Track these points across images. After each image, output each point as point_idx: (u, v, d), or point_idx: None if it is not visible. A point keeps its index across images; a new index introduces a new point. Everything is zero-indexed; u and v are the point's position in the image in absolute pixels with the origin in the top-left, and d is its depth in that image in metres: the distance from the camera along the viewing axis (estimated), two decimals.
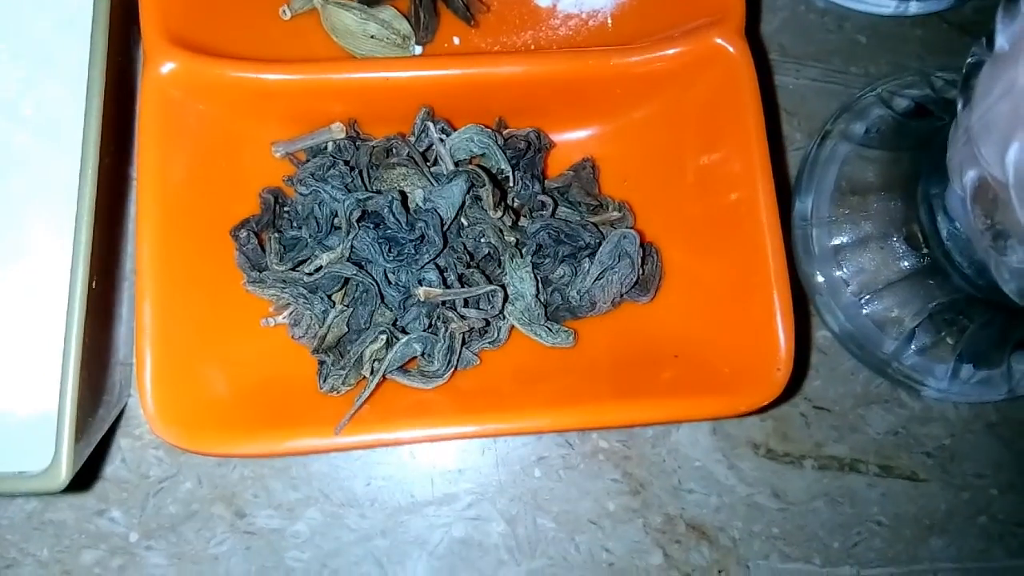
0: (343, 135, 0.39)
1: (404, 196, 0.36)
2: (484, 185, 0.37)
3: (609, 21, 0.43)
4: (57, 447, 0.30)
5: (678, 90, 0.39)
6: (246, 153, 0.39)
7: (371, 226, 0.36)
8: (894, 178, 0.41)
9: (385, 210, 0.35)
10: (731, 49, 0.37)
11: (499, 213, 0.37)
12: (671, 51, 0.38)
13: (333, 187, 0.36)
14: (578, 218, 0.40)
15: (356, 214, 0.35)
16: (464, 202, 0.37)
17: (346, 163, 0.37)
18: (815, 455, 0.42)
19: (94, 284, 0.32)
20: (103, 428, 0.37)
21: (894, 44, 0.46)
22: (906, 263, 0.40)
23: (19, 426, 0.35)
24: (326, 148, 0.39)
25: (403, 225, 0.35)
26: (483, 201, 0.37)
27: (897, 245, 0.40)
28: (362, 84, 0.38)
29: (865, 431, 0.43)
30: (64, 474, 0.30)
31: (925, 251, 0.39)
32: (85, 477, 0.40)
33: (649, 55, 0.38)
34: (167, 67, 0.35)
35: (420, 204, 0.37)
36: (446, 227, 0.36)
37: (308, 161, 0.38)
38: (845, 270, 0.42)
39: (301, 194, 0.36)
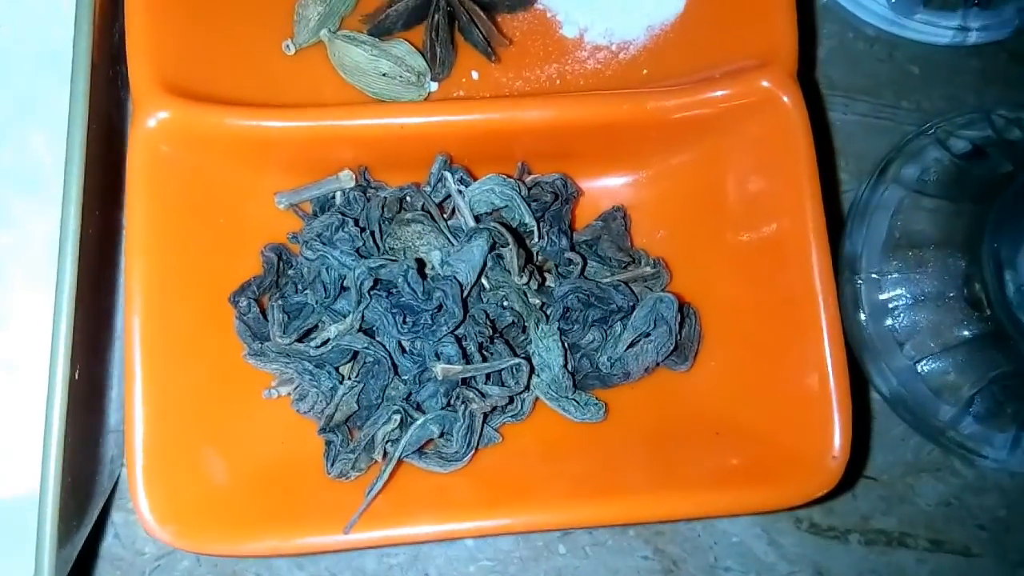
0: (352, 184, 0.36)
1: (421, 263, 0.33)
2: (507, 245, 0.34)
3: (642, 55, 0.39)
4: (38, 563, 0.27)
5: (720, 137, 0.36)
6: (247, 205, 0.36)
7: (383, 294, 0.32)
8: (954, 232, 0.37)
9: (400, 279, 0.31)
10: (784, 97, 0.33)
11: (524, 278, 0.33)
12: (714, 94, 0.35)
13: (342, 252, 0.32)
14: (609, 276, 0.36)
15: (368, 283, 0.32)
16: (485, 263, 0.34)
17: (355, 222, 0.34)
18: (861, 529, 0.39)
19: (77, 375, 0.28)
20: (95, 513, 0.34)
21: (949, 75, 0.43)
22: (967, 327, 0.37)
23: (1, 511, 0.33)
24: (334, 199, 0.36)
25: (419, 295, 0.32)
26: (506, 261, 0.34)
27: (957, 306, 0.37)
28: (374, 131, 0.34)
29: (915, 502, 0.40)
30: None
31: (989, 314, 0.36)
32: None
33: (690, 98, 0.35)
34: (159, 117, 0.32)
35: (438, 268, 0.33)
36: (466, 294, 0.33)
37: (314, 217, 0.35)
38: (898, 329, 0.38)
39: (307, 258, 0.33)
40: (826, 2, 0.42)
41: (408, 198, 0.36)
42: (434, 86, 0.39)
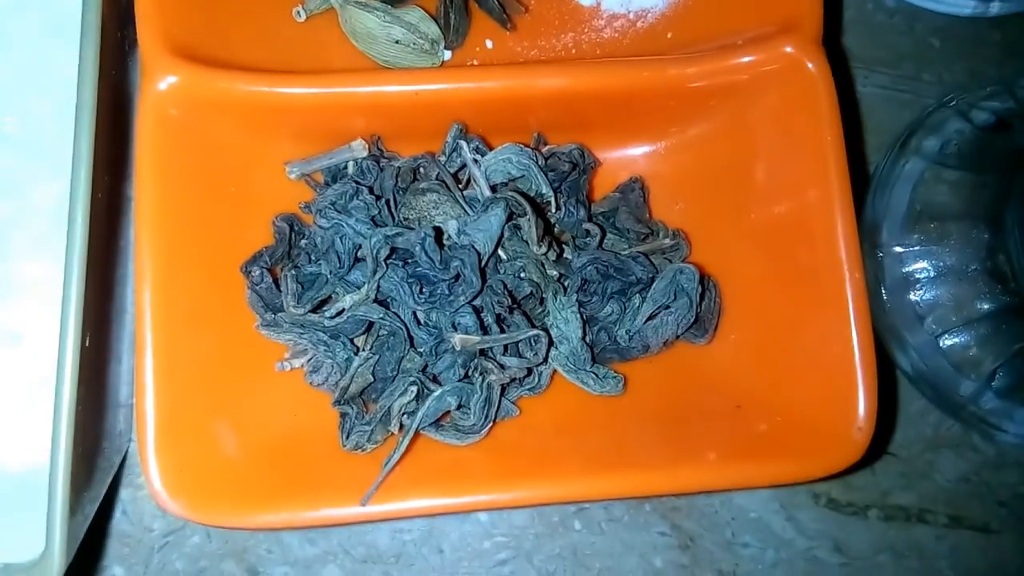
0: (365, 154, 0.35)
1: (438, 232, 0.32)
2: (525, 214, 0.33)
3: (661, 22, 0.38)
4: (49, 535, 0.26)
5: (742, 106, 0.35)
6: (257, 175, 0.35)
7: (399, 263, 0.32)
8: (977, 204, 0.37)
9: (417, 248, 0.31)
10: (808, 64, 0.33)
11: (543, 248, 0.32)
12: (737, 61, 0.34)
13: (358, 220, 0.31)
14: (627, 248, 0.36)
15: (384, 252, 0.31)
16: (503, 233, 0.33)
17: (370, 190, 0.33)
18: (880, 504, 0.39)
19: (87, 342, 0.28)
20: (102, 489, 0.33)
21: (971, 48, 0.42)
22: (990, 300, 0.36)
23: (7, 483, 0.32)
24: (346, 169, 0.35)
25: (437, 264, 0.31)
26: (523, 232, 0.33)
27: (980, 279, 0.36)
28: (387, 98, 0.33)
29: (934, 478, 0.39)
30: (58, 567, 0.26)
31: (1012, 287, 0.35)
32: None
33: (711, 65, 0.34)
34: (168, 82, 0.31)
35: (454, 238, 0.32)
36: (483, 264, 0.32)
37: (327, 186, 0.34)
38: (920, 303, 0.38)
39: (321, 226, 0.32)
40: None
41: (422, 168, 0.35)
42: (448, 55, 0.38)
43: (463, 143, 0.35)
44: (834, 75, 0.33)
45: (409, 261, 0.32)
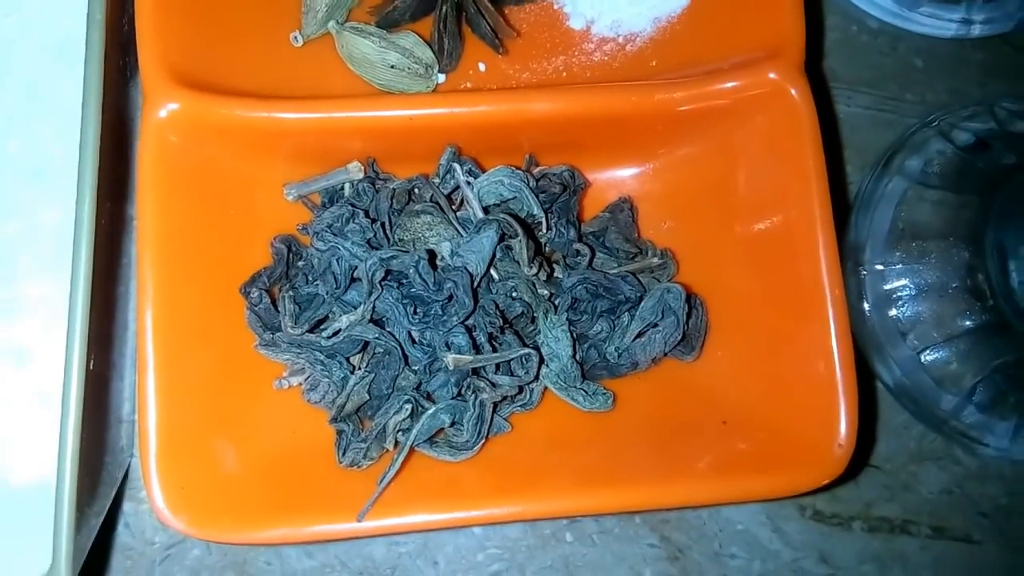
0: (361, 175, 0.36)
1: (432, 254, 0.33)
2: (517, 236, 0.34)
3: (649, 46, 0.39)
4: (55, 551, 0.27)
5: (727, 129, 0.36)
6: (256, 196, 0.36)
7: (394, 285, 0.33)
8: (958, 224, 0.38)
9: (411, 270, 0.32)
10: (791, 90, 0.34)
11: (533, 269, 0.33)
12: (722, 87, 0.35)
13: (353, 243, 0.32)
14: (616, 267, 0.37)
15: (379, 274, 0.32)
16: (495, 254, 0.34)
17: (366, 213, 0.34)
18: (864, 516, 0.40)
19: (92, 363, 0.28)
20: (106, 503, 0.34)
21: (953, 68, 0.43)
22: (970, 317, 0.37)
23: (14, 500, 0.33)
24: (342, 190, 0.36)
25: (430, 285, 0.32)
26: (515, 252, 0.34)
27: (960, 297, 0.37)
28: (382, 123, 0.34)
29: (917, 490, 0.40)
30: None
31: (991, 304, 0.36)
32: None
33: (697, 90, 0.35)
34: (168, 109, 0.32)
35: (448, 259, 0.33)
36: (476, 284, 0.33)
37: (324, 208, 0.35)
38: (902, 320, 0.39)
39: (318, 249, 0.33)
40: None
41: (417, 189, 0.36)
42: (442, 78, 0.39)
43: (456, 166, 0.36)
44: (817, 97, 0.34)
45: (403, 282, 0.33)
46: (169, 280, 0.32)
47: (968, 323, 0.37)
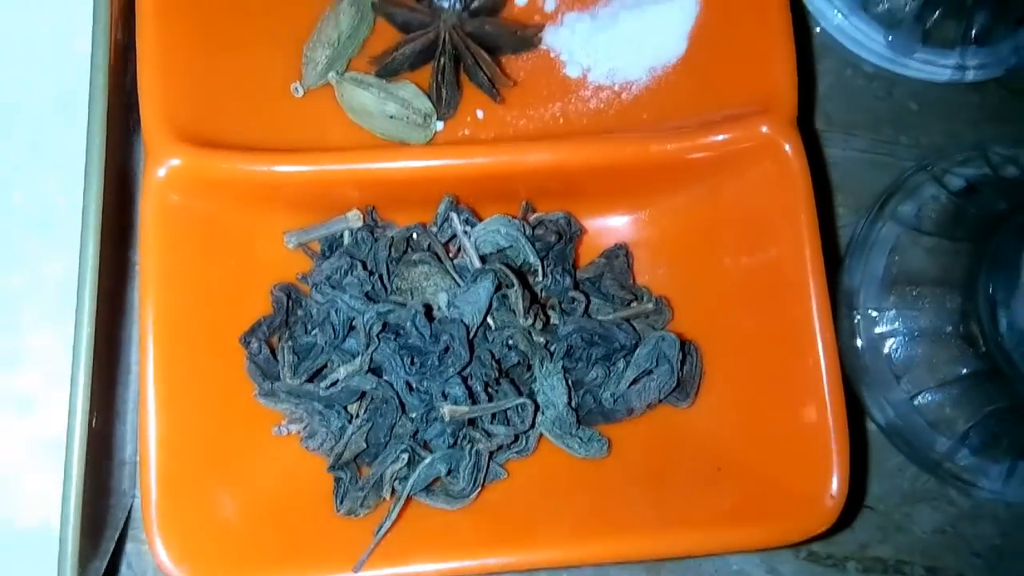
0: (360, 224, 0.37)
1: (428, 306, 0.34)
2: (512, 286, 0.34)
3: (645, 95, 0.40)
4: None
5: (721, 180, 0.37)
6: (257, 245, 0.36)
7: (391, 336, 0.33)
8: (951, 270, 0.38)
9: (408, 324, 0.32)
10: (783, 143, 0.34)
11: (529, 320, 0.34)
12: (714, 139, 0.35)
13: (352, 296, 0.33)
14: (612, 312, 0.37)
15: (377, 327, 0.32)
16: (491, 304, 0.35)
17: (363, 265, 0.34)
18: (859, 557, 0.40)
19: (94, 421, 0.29)
20: (110, 546, 0.34)
21: (948, 111, 0.43)
22: (963, 363, 0.38)
23: (20, 543, 0.33)
24: (342, 238, 0.37)
25: (427, 338, 0.33)
26: (511, 302, 0.35)
27: (954, 343, 0.38)
28: (380, 174, 0.35)
29: (911, 530, 0.41)
30: None
31: (983, 351, 0.37)
32: None
33: (691, 142, 0.36)
34: (170, 165, 0.33)
35: (444, 310, 0.34)
36: (472, 335, 0.34)
37: (323, 257, 0.36)
38: (896, 363, 0.39)
39: (317, 301, 0.34)
40: (824, 39, 0.43)
41: (415, 237, 0.36)
42: (440, 125, 0.40)
43: (453, 215, 0.36)
44: (810, 144, 0.35)
45: (401, 333, 0.33)
46: (170, 331, 0.32)
47: (962, 369, 0.38)
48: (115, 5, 0.33)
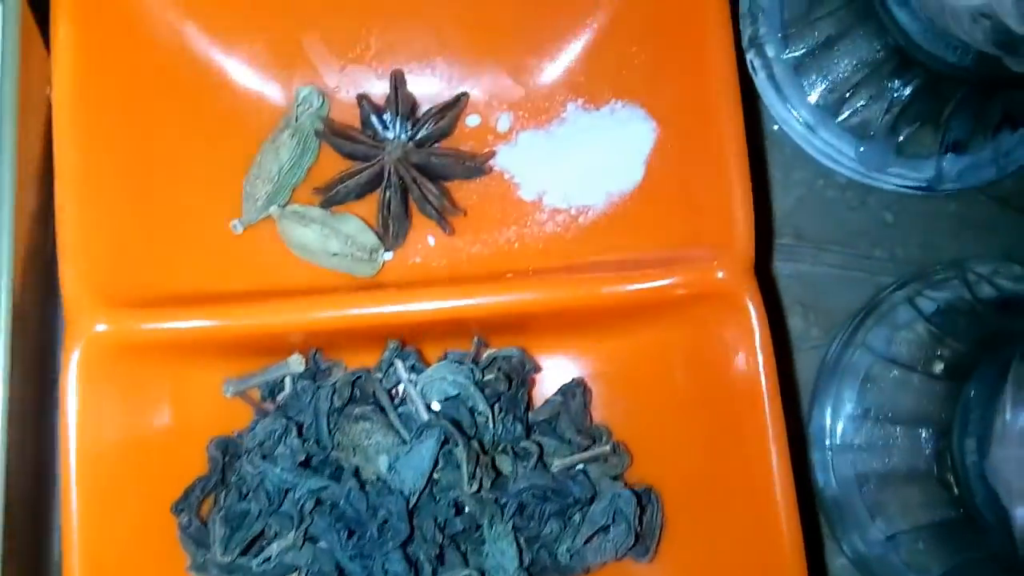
0: (302, 368, 0.35)
1: (362, 484, 0.32)
2: (458, 445, 0.33)
3: (602, 220, 0.38)
4: None
5: (676, 321, 0.35)
6: (191, 398, 0.35)
7: (327, 508, 0.32)
8: (926, 409, 0.36)
9: (342, 500, 0.31)
10: (739, 291, 0.32)
11: (474, 487, 0.32)
12: (668, 282, 0.34)
13: (283, 469, 0.31)
14: (568, 455, 0.35)
15: (310, 504, 0.31)
16: (437, 461, 0.33)
17: (299, 429, 0.33)
18: None
19: None
20: None
21: (925, 222, 0.41)
22: (938, 508, 0.36)
23: None
24: (283, 383, 0.35)
25: (363, 512, 0.31)
26: (456, 458, 0.33)
27: (929, 486, 0.36)
28: (320, 323, 0.33)
29: None
30: None
31: (957, 495, 0.35)
32: None
33: (644, 284, 0.34)
34: (95, 331, 0.31)
35: (384, 474, 0.32)
36: (412, 504, 0.32)
37: (260, 413, 0.34)
38: (869, 503, 0.37)
39: (248, 472, 0.32)
40: (797, 149, 0.41)
41: (359, 388, 0.35)
42: (389, 255, 0.38)
43: (398, 362, 0.35)
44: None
45: (337, 505, 0.32)
46: (97, 505, 0.31)
47: (936, 516, 0.36)
48: (31, 165, 0.31)
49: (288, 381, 0.35)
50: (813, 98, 0.40)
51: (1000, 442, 0.29)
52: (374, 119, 0.37)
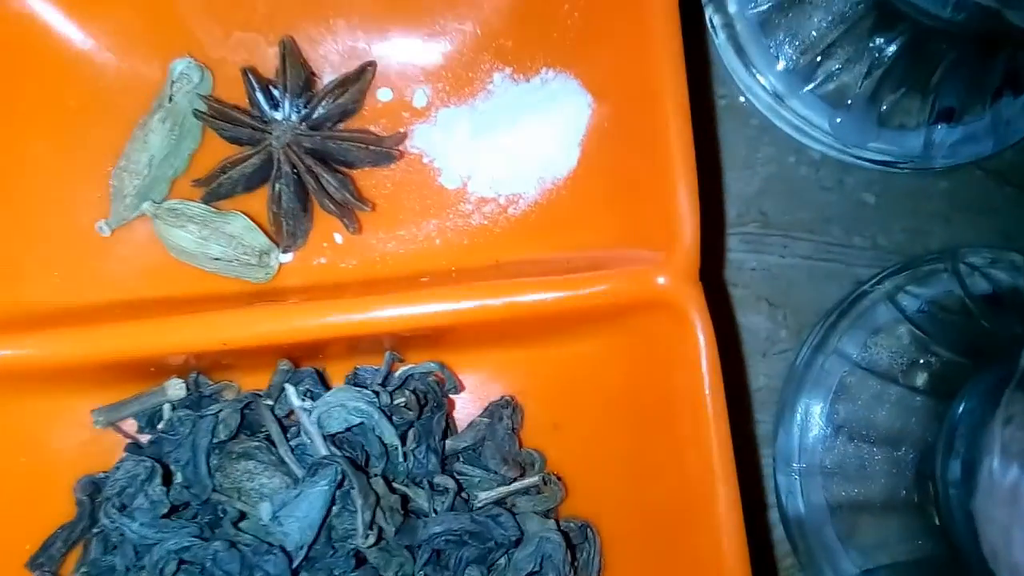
0: (182, 394, 0.30)
1: (242, 515, 0.27)
2: (354, 487, 0.28)
3: (534, 211, 0.33)
4: None
5: (614, 331, 0.30)
6: (56, 432, 0.30)
7: (197, 570, 0.27)
8: (906, 428, 0.31)
9: (208, 562, 0.26)
10: (681, 299, 0.27)
11: (370, 540, 0.28)
12: (603, 288, 0.28)
13: (142, 524, 0.27)
14: (493, 491, 0.31)
15: (172, 567, 0.26)
16: (332, 506, 0.28)
17: (166, 471, 0.28)
18: None
19: None
20: None
21: (912, 203, 0.36)
22: (919, 541, 0.31)
23: None
24: (161, 411, 0.31)
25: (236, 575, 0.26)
26: (353, 502, 0.28)
27: (908, 515, 0.31)
28: (194, 347, 0.29)
29: None
30: None
31: (938, 526, 0.30)
32: None
33: (576, 292, 0.29)
34: None
35: (267, 523, 0.28)
36: (302, 558, 0.27)
37: (124, 458, 0.29)
38: (841, 532, 0.33)
39: (105, 526, 0.27)
40: (759, 123, 0.35)
41: (247, 418, 0.30)
42: (287, 257, 0.33)
43: (290, 388, 0.30)
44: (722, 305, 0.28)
45: (208, 565, 0.27)
46: None
47: (917, 550, 0.31)
48: None
49: (167, 409, 0.31)
50: (782, 63, 0.34)
51: (987, 494, 0.24)
52: (260, 96, 0.32)
